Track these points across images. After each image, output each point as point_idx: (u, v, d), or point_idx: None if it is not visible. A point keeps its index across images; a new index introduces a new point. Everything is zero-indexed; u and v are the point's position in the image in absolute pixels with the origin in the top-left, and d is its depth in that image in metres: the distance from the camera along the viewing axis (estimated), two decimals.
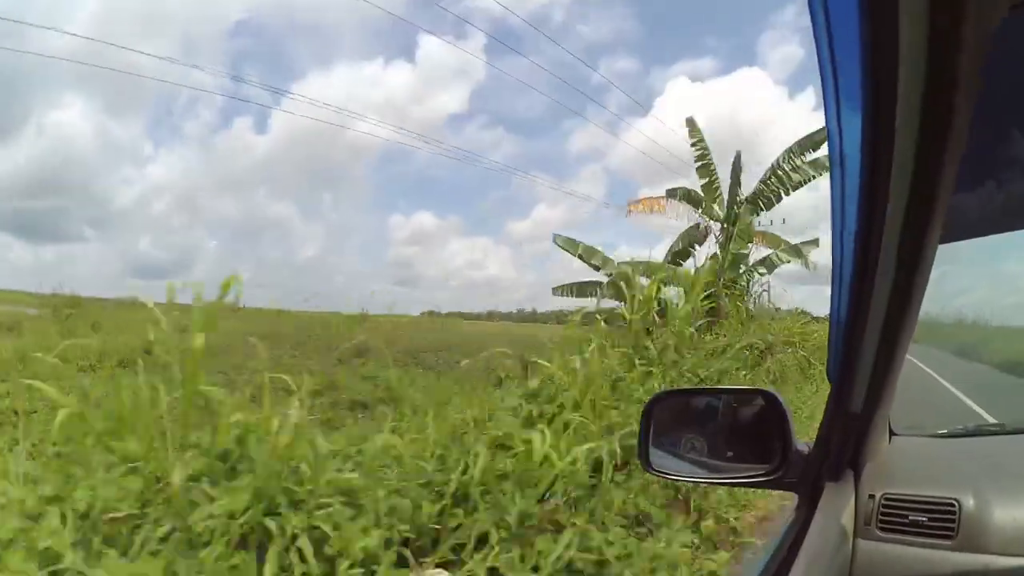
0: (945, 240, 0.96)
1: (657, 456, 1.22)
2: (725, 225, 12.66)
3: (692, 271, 10.81)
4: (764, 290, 12.97)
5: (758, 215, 12.60)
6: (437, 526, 3.14)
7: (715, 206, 12.80)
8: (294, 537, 2.75)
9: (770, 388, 1.15)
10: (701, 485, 3.70)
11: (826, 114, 0.67)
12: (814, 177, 11.82)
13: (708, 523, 3.91)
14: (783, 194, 12.27)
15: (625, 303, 7.61)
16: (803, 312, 13.73)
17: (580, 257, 12.38)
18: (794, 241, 12.84)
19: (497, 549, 3.03)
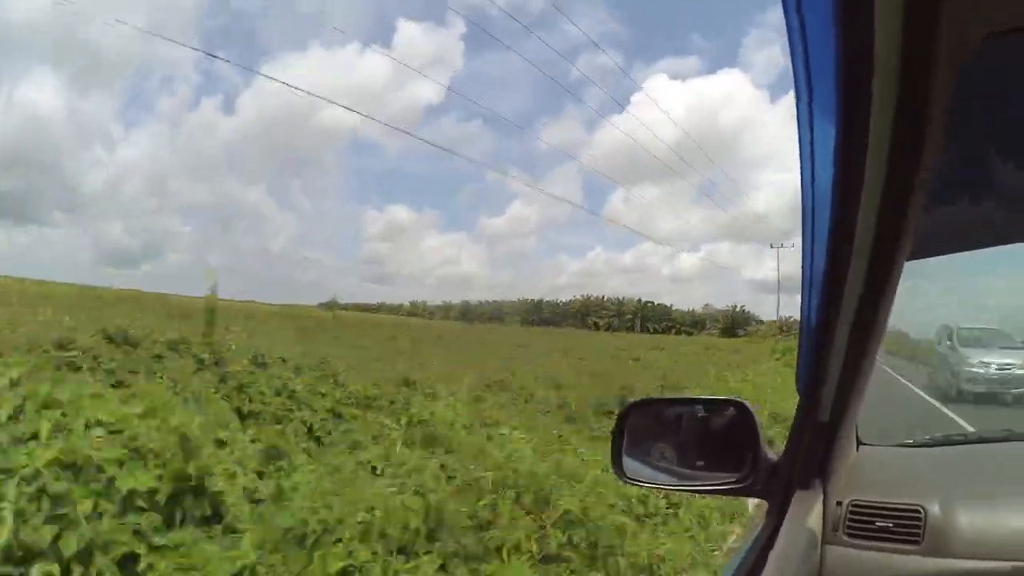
0: (917, 256, 0.98)
1: (630, 464, 1.22)
2: None
3: None
4: None
5: None
6: None
7: None
8: None
9: (741, 398, 1.17)
10: (673, 493, 3.73)
11: (799, 125, 0.67)
12: None
13: None
14: None
15: None
16: None
17: None
18: (771, 244, 13.15)
19: None
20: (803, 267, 0.82)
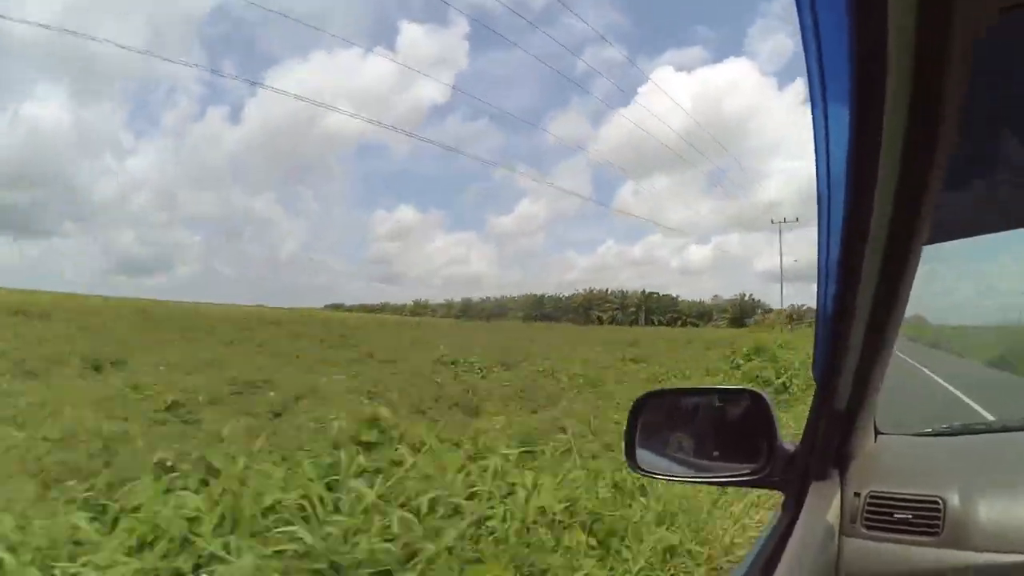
0: (934, 240, 0.96)
1: (644, 455, 1.22)
2: None
3: None
4: None
5: None
6: None
7: None
8: None
9: (756, 388, 1.16)
10: (688, 484, 3.73)
11: (813, 111, 0.67)
12: None
13: None
14: None
15: None
16: None
17: None
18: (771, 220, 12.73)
19: None
20: (819, 255, 0.82)
